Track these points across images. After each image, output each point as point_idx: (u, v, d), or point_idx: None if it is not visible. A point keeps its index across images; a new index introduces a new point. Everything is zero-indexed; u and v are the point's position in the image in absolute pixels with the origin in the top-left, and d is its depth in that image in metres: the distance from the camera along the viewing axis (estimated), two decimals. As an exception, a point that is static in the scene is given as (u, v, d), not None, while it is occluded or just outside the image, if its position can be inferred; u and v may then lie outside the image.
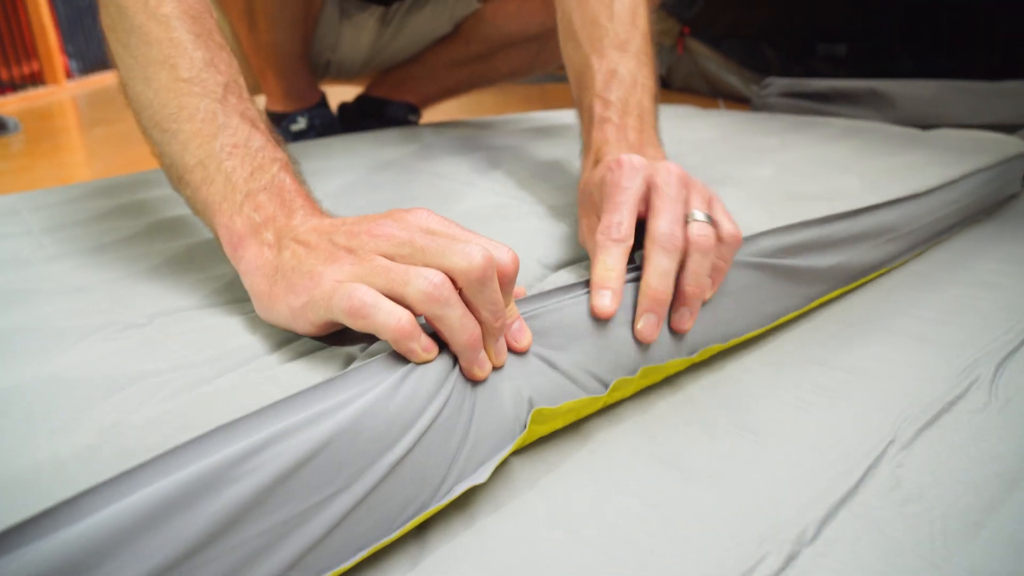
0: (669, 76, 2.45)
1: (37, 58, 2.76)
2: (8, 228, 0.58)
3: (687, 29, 2.36)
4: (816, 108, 1.30)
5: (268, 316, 0.38)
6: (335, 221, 0.38)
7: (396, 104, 1.16)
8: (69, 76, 2.91)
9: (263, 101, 1.13)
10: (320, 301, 0.34)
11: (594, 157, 0.52)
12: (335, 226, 0.37)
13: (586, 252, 0.50)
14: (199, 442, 0.27)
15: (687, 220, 0.43)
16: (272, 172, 0.41)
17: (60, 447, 0.29)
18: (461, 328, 0.33)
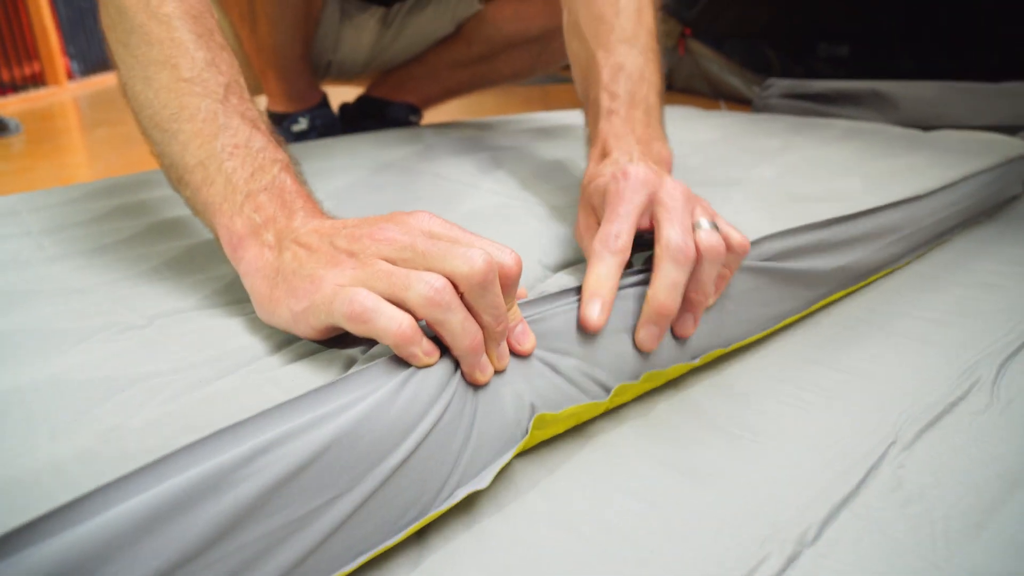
0: (670, 77, 2.45)
1: (38, 59, 2.76)
2: (8, 229, 0.58)
3: (688, 30, 2.36)
4: (817, 109, 1.30)
5: (269, 319, 0.38)
6: (336, 223, 0.38)
7: (397, 105, 1.16)
8: (70, 77, 2.91)
9: (264, 102, 1.13)
10: (321, 306, 0.34)
11: (600, 149, 0.52)
12: (336, 228, 0.37)
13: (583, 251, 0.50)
14: (200, 445, 0.27)
15: (693, 228, 0.43)
16: (273, 173, 0.41)
17: (60, 449, 0.29)
18: (463, 332, 0.33)
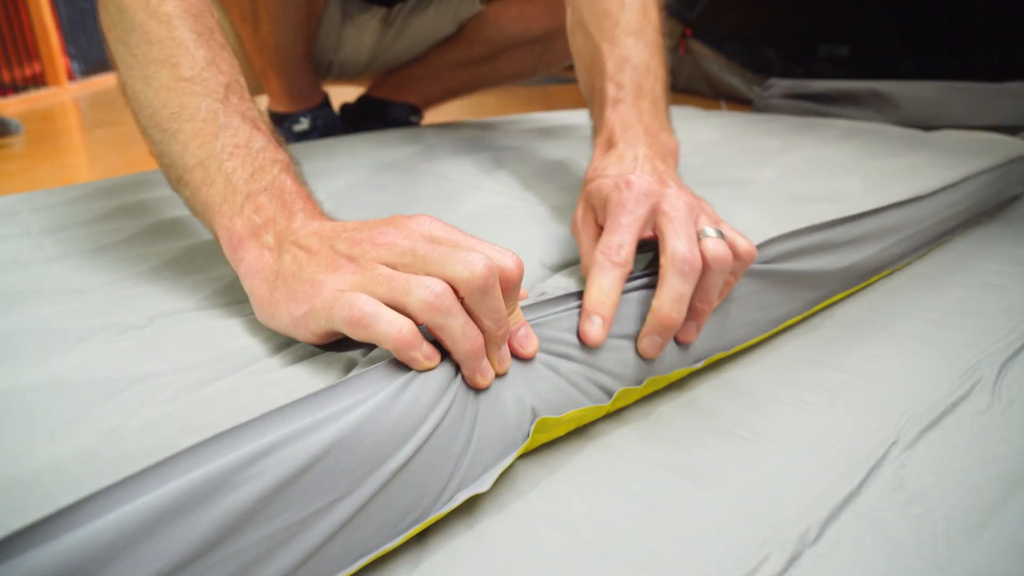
0: (671, 77, 2.44)
1: (39, 60, 2.76)
2: (7, 229, 0.58)
3: (689, 30, 2.36)
4: (818, 109, 1.30)
5: (269, 322, 0.38)
6: (336, 226, 0.38)
7: (398, 105, 1.16)
8: (71, 78, 2.91)
9: (265, 101, 1.13)
10: (321, 310, 0.34)
11: (606, 138, 0.51)
12: (336, 231, 0.37)
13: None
14: (201, 448, 0.27)
15: (699, 237, 0.42)
16: (273, 174, 0.41)
17: (60, 449, 0.29)
18: (463, 337, 0.33)
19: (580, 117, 1.14)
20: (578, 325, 0.41)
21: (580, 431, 0.43)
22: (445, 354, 0.35)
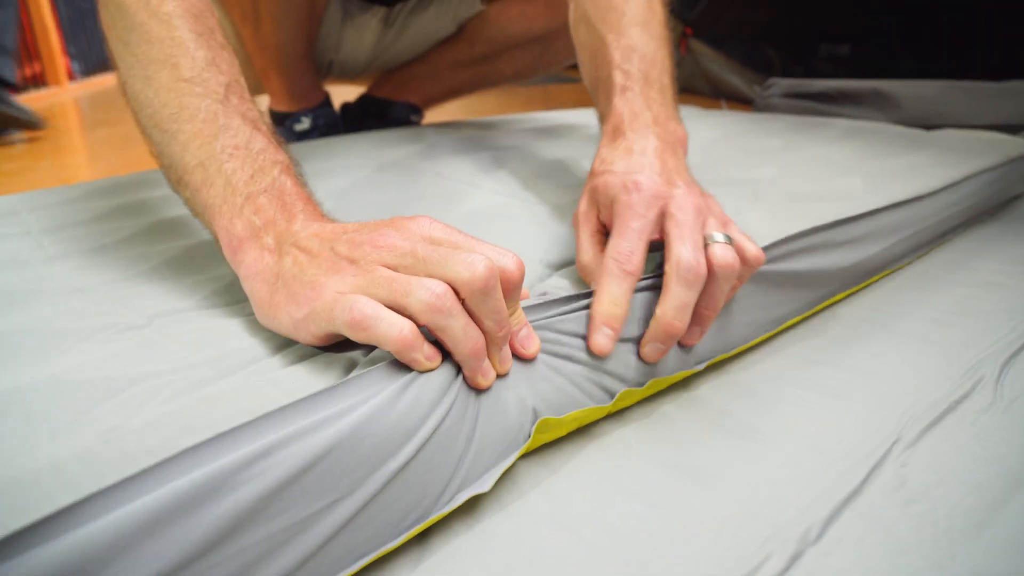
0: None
1: (39, 59, 2.76)
2: (7, 229, 0.58)
3: (689, 30, 2.36)
4: (819, 109, 1.30)
5: (269, 324, 0.38)
6: (336, 227, 0.38)
7: (399, 104, 1.16)
8: (71, 78, 2.91)
9: (265, 101, 1.13)
10: (322, 313, 0.34)
11: (613, 126, 0.51)
12: (336, 233, 0.37)
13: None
14: (201, 448, 0.27)
15: (706, 243, 0.42)
16: (273, 175, 0.41)
17: (60, 449, 0.29)
18: (464, 338, 0.33)
19: (580, 117, 1.14)
20: (586, 333, 0.40)
21: (581, 430, 0.43)
22: (446, 355, 0.34)
